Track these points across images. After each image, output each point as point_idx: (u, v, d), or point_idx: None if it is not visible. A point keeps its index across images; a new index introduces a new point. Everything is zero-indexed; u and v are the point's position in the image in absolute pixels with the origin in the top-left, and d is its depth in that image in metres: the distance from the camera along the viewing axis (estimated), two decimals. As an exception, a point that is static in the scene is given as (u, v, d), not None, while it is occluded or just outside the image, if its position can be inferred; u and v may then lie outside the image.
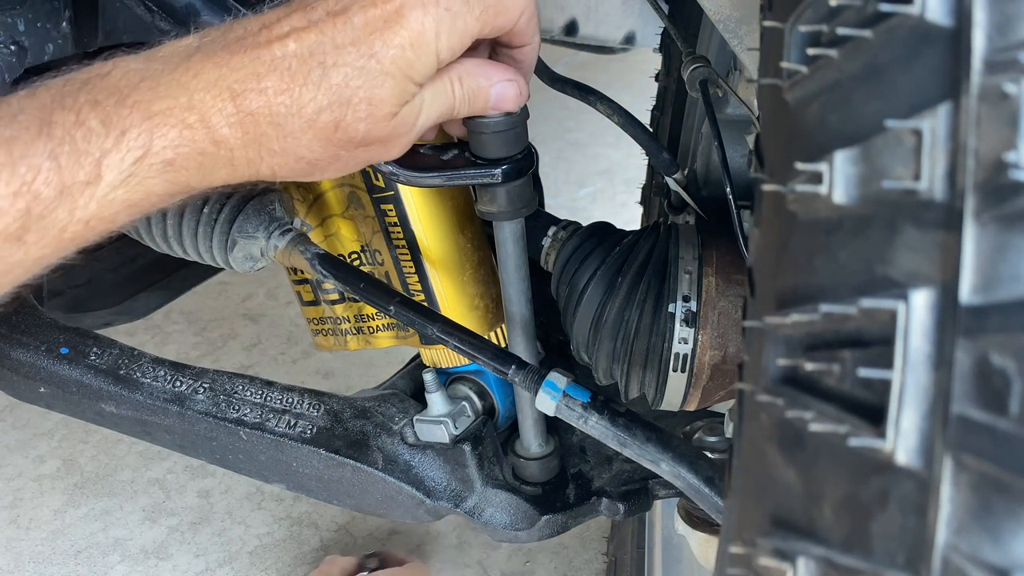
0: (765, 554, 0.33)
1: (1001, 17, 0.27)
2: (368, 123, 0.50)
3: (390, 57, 0.49)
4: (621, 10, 0.96)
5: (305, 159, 0.51)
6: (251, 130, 0.49)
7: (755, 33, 0.63)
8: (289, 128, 0.49)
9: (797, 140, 0.33)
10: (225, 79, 0.48)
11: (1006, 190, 0.26)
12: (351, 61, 0.48)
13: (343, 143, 0.50)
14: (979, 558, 0.26)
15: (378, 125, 0.50)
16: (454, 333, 0.66)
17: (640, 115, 0.80)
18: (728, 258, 0.69)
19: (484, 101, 0.56)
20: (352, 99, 0.49)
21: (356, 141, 0.50)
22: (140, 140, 0.46)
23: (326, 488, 0.81)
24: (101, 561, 1.53)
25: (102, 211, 0.47)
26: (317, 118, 0.49)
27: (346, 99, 0.49)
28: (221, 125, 0.48)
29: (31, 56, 0.73)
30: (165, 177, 0.48)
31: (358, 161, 0.53)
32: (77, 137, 0.45)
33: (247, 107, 0.48)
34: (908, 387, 0.28)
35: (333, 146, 0.50)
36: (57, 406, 0.87)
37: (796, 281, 0.33)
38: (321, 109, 0.49)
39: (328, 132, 0.49)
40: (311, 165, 0.51)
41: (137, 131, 0.46)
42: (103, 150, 0.46)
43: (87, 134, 0.46)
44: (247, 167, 0.50)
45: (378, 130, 0.51)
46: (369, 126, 0.50)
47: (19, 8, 0.71)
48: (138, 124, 0.47)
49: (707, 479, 0.61)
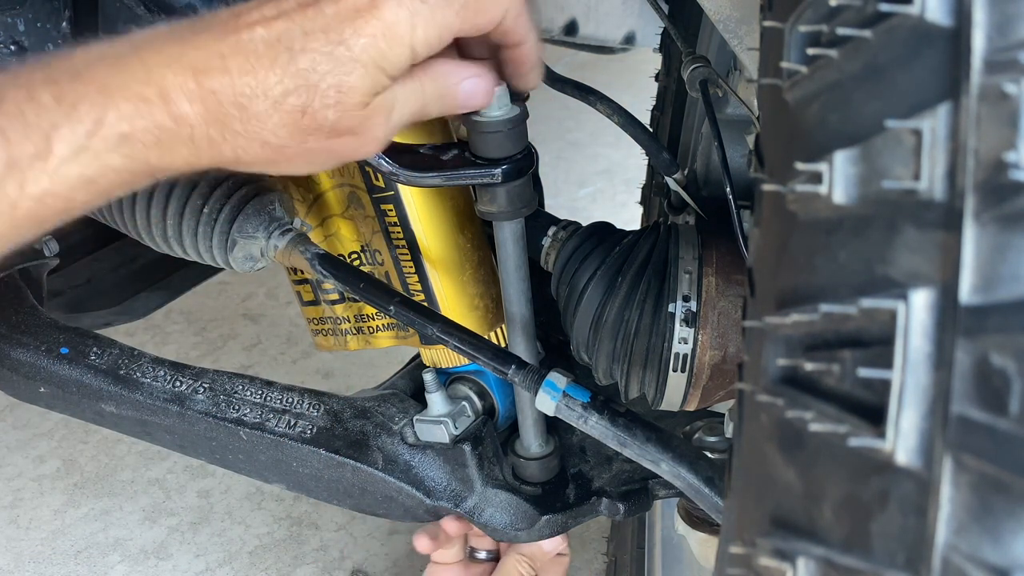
0: (765, 554, 0.33)
1: (1001, 17, 0.27)
2: (337, 111, 0.49)
3: (361, 45, 0.48)
4: (621, 10, 0.96)
5: (271, 144, 0.50)
6: (213, 108, 0.48)
7: (755, 33, 0.63)
8: (253, 110, 0.48)
9: (797, 140, 0.33)
10: (187, 56, 0.47)
11: (1006, 190, 0.26)
12: (319, 47, 0.48)
13: (311, 130, 0.49)
14: (979, 558, 0.26)
15: (348, 114, 0.49)
16: (454, 333, 0.66)
17: (640, 115, 0.80)
18: (728, 258, 0.69)
19: (453, 99, 0.56)
20: (320, 84, 0.48)
21: (325, 129, 0.50)
22: (93, 113, 0.46)
23: (326, 488, 0.81)
24: (101, 561, 1.53)
25: (55, 187, 0.46)
26: (284, 101, 0.48)
27: (313, 84, 0.48)
28: (181, 100, 0.47)
29: (31, 56, 0.73)
30: (121, 151, 0.47)
31: (330, 154, 0.52)
32: (27, 111, 0.45)
33: (209, 85, 0.47)
34: (908, 387, 0.28)
35: (301, 132, 0.49)
36: (57, 406, 0.87)
37: (796, 281, 0.33)
38: (288, 92, 0.48)
39: (295, 117, 0.48)
40: (277, 152, 0.50)
41: (90, 104, 0.46)
42: (53, 123, 0.45)
43: (38, 108, 0.45)
44: (209, 147, 0.49)
45: (348, 119, 0.50)
46: (338, 114, 0.49)
47: (19, 8, 0.71)
48: (91, 97, 0.46)
49: (707, 479, 0.61)
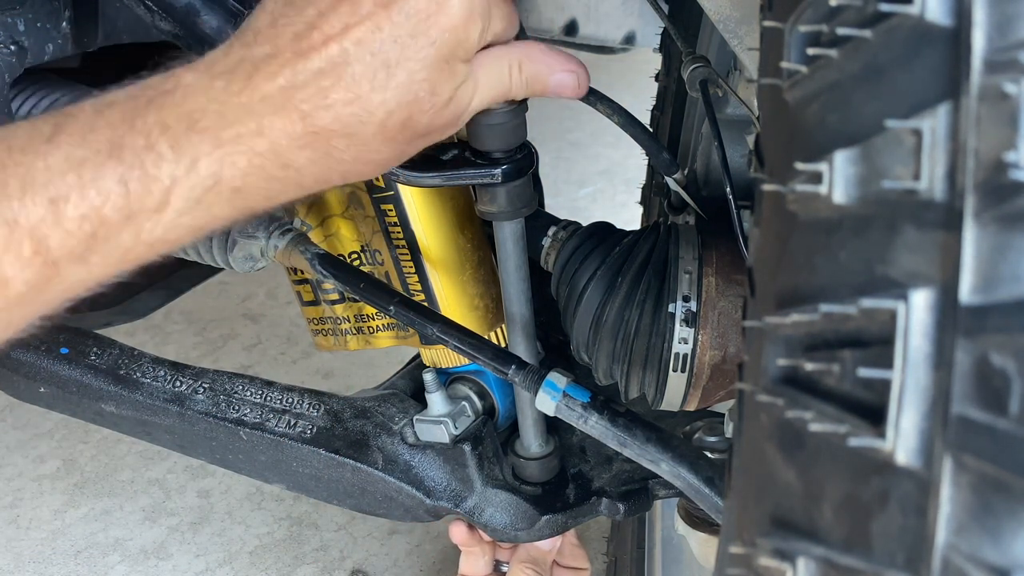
0: (765, 554, 0.33)
1: (1001, 17, 0.26)
2: (431, 115, 0.49)
3: (446, 41, 0.47)
4: (621, 10, 0.96)
5: (375, 162, 0.50)
6: (320, 147, 0.48)
7: (755, 33, 0.63)
8: (360, 136, 0.48)
9: (797, 140, 0.33)
10: (292, 99, 0.47)
11: (1006, 190, 0.26)
12: (413, 55, 0.47)
13: (408, 138, 0.50)
14: (979, 558, 0.26)
15: (439, 114, 0.50)
16: (454, 333, 0.66)
17: (640, 115, 0.80)
18: (728, 258, 0.69)
19: (543, 86, 0.55)
20: (419, 94, 0.48)
21: (420, 133, 0.50)
22: (210, 169, 0.46)
23: (326, 488, 0.81)
24: (101, 561, 1.53)
25: (167, 235, 0.47)
26: (388, 120, 0.48)
27: (413, 95, 0.48)
28: (290, 148, 0.47)
29: (31, 56, 0.73)
30: (232, 204, 0.48)
31: (417, 149, 0.52)
32: (147, 163, 0.45)
33: (316, 125, 0.47)
34: (908, 387, 0.28)
35: (400, 143, 0.50)
36: (57, 406, 0.87)
37: (796, 281, 0.33)
38: (391, 112, 0.48)
39: (396, 131, 0.49)
40: (379, 166, 0.51)
41: (207, 160, 0.46)
42: (173, 178, 0.45)
43: (157, 160, 0.45)
44: (315, 183, 0.50)
45: (439, 119, 0.50)
46: (431, 117, 0.49)
47: (19, 8, 0.71)
48: (208, 153, 0.46)
49: (707, 479, 0.61)
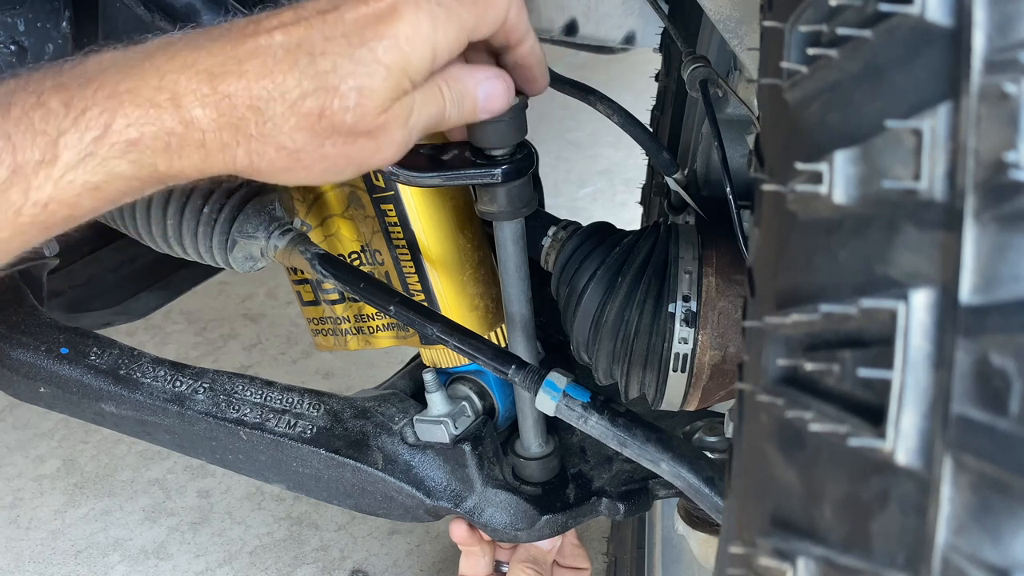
0: (765, 554, 0.33)
1: (1001, 17, 0.27)
2: (356, 113, 0.48)
3: (383, 47, 0.47)
4: (621, 10, 0.96)
5: (286, 149, 0.48)
6: (227, 112, 0.47)
7: (755, 33, 0.63)
8: (270, 112, 0.47)
9: (797, 140, 0.33)
10: (202, 62, 0.47)
11: (1006, 190, 0.26)
12: (340, 51, 0.47)
13: (328, 133, 0.48)
14: (979, 558, 0.26)
15: (367, 117, 0.48)
16: (454, 333, 0.66)
17: (640, 115, 0.80)
18: (728, 258, 0.69)
19: (472, 103, 0.55)
20: (340, 87, 0.47)
21: (343, 131, 0.48)
22: (101, 119, 0.45)
23: (326, 488, 0.81)
24: (101, 561, 1.53)
25: (61, 193, 0.45)
26: (302, 103, 0.47)
27: (334, 86, 0.47)
28: (194, 105, 0.46)
29: (31, 56, 0.73)
30: (129, 158, 0.46)
31: (347, 160, 0.51)
32: (35, 118, 0.44)
33: (224, 89, 0.46)
34: (908, 387, 0.28)
35: (318, 136, 0.48)
36: (57, 406, 0.87)
37: (796, 281, 0.33)
38: (306, 94, 0.47)
39: (312, 120, 0.47)
40: (293, 158, 0.49)
41: (99, 109, 0.45)
42: (60, 130, 0.44)
43: (46, 114, 0.44)
44: (221, 153, 0.48)
45: (366, 123, 0.49)
46: (357, 117, 0.48)
47: (19, 8, 0.71)
48: (101, 103, 0.45)
49: (707, 479, 0.61)
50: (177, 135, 0.46)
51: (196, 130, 0.47)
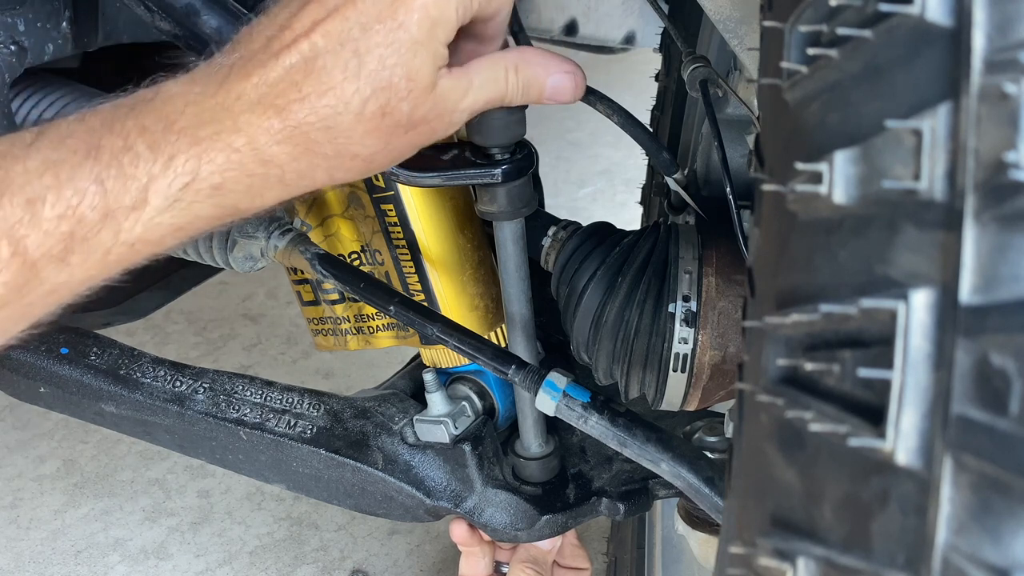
0: (765, 554, 0.33)
1: (1001, 17, 0.26)
2: (410, 101, 0.48)
3: (415, 22, 0.47)
4: (621, 10, 0.96)
5: (361, 156, 0.49)
6: (300, 141, 0.48)
7: (755, 33, 0.63)
8: (339, 128, 0.48)
9: (797, 140, 0.33)
10: (266, 97, 0.47)
11: (1006, 190, 0.26)
12: (382, 40, 0.47)
13: (391, 129, 0.49)
14: (979, 558, 0.26)
15: (420, 101, 0.49)
16: (454, 333, 0.66)
17: (640, 115, 0.80)
18: (728, 258, 0.69)
19: (539, 91, 0.55)
20: (392, 79, 0.47)
21: (403, 124, 0.49)
22: (188, 166, 0.46)
23: (326, 488, 0.81)
24: (101, 561, 1.53)
25: (148, 234, 0.47)
26: (364, 109, 0.48)
27: (387, 82, 0.47)
28: (269, 144, 0.47)
29: (31, 56, 0.73)
30: (213, 201, 0.48)
31: (409, 147, 0.51)
32: (124, 162, 0.45)
33: (293, 119, 0.47)
34: (908, 387, 0.28)
35: (384, 135, 0.49)
36: (57, 406, 0.87)
37: (796, 281, 0.33)
38: (366, 100, 0.47)
39: (377, 121, 0.48)
40: (367, 162, 0.50)
41: (185, 157, 0.46)
42: (150, 175, 0.46)
43: (134, 159, 0.45)
44: (299, 180, 0.49)
45: (421, 107, 0.49)
46: (412, 104, 0.49)
47: (19, 8, 0.71)
48: (185, 150, 0.46)
49: (707, 479, 0.61)
50: (259, 176, 0.48)
51: (275, 167, 0.48)
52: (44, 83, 0.80)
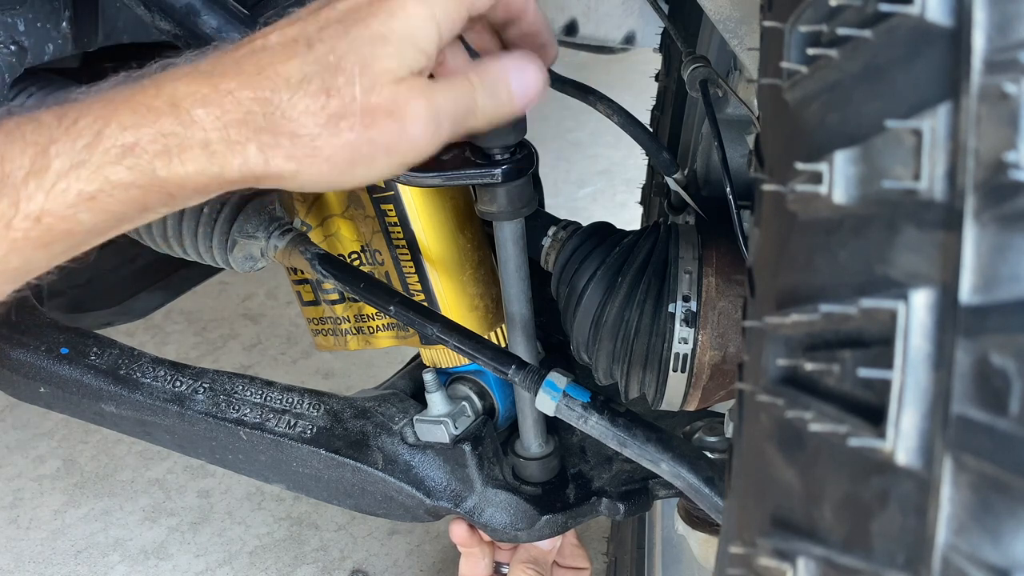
0: (765, 554, 0.33)
1: (1001, 17, 0.26)
2: (363, 85, 0.46)
3: (379, 21, 0.46)
4: (621, 10, 0.96)
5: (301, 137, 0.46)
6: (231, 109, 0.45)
7: (755, 33, 0.63)
8: (276, 101, 0.45)
9: (797, 140, 0.33)
10: (200, 69, 0.46)
11: (1006, 190, 0.26)
12: (336, 35, 0.46)
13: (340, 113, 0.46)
14: (979, 558, 0.26)
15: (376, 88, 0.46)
16: (454, 333, 0.66)
17: (640, 115, 0.80)
18: (728, 258, 0.69)
19: (506, 90, 0.52)
20: (341, 63, 0.46)
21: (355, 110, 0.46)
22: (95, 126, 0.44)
23: (326, 488, 0.81)
24: (101, 561, 1.53)
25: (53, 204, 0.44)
26: (307, 86, 0.45)
27: (334, 64, 0.46)
28: (194, 105, 0.45)
29: (31, 56, 0.73)
30: (125, 163, 0.44)
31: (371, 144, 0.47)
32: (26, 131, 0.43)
33: (225, 86, 0.45)
34: (908, 387, 0.28)
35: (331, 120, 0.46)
36: (57, 406, 0.87)
37: (796, 281, 0.33)
38: (308, 77, 0.45)
39: (320, 101, 0.45)
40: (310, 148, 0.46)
41: (92, 117, 0.44)
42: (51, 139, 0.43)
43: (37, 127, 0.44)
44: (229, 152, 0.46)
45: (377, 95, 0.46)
46: (364, 89, 0.46)
47: (19, 8, 0.71)
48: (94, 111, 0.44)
49: (707, 479, 0.61)
50: (177, 136, 0.45)
51: (198, 130, 0.45)
52: (44, 83, 0.80)
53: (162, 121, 0.45)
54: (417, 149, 0.49)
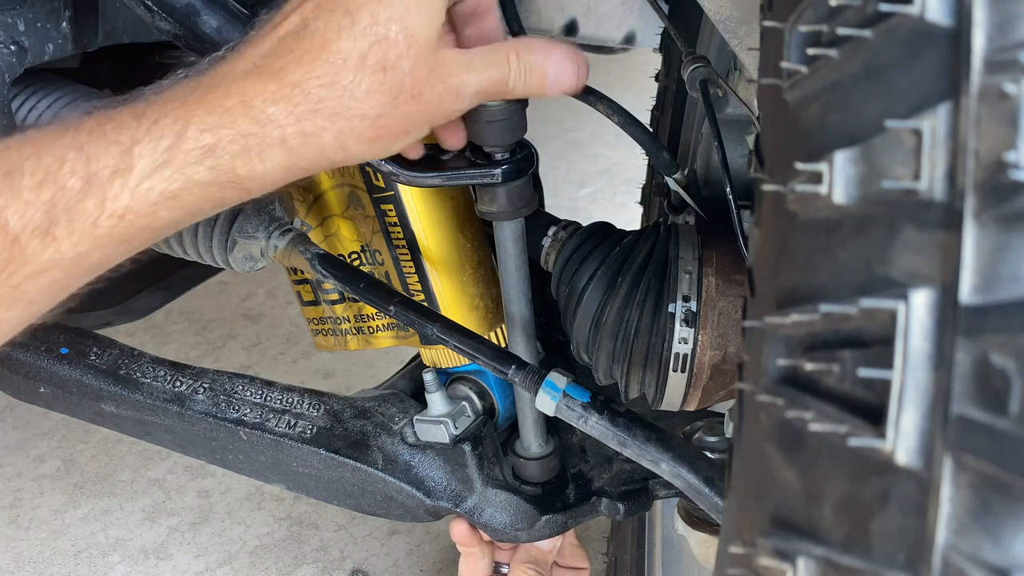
0: (765, 554, 0.33)
1: (1001, 17, 0.26)
2: (410, 57, 0.47)
3: None
4: (621, 10, 0.96)
5: (369, 117, 0.47)
6: (301, 100, 0.46)
7: (755, 33, 0.63)
8: (341, 83, 0.46)
9: (797, 140, 0.33)
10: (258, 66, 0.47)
11: (1006, 190, 0.26)
12: None
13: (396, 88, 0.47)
14: (979, 558, 0.26)
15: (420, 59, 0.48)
16: (454, 333, 0.66)
17: (640, 115, 0.80)
18: (728, 258, 0.69)
19: (540, 78, 0.54)
20: (388, 34, 0.47)
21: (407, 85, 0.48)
22: (175, 127, 0.45)
23: (326, 488, 0.81)
24: (101, 561, 1.53)
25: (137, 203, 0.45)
26: (364, 63, 0.46)
27: (382, 36, 0.47)
28: (265, 104, 0.46)
29: (31, 56, 0.73)
30: (207, 164, 0.45)
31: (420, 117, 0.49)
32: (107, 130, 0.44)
33: (290, 79, 0.46)
34: (908, 387, 0.28)
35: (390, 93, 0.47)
36: (57, 406, 0.87)
37: (796, 281, 0.33)
38: (364, 53, 0.46)
39: (379, 77, 0.47)
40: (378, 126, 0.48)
41: (171, 119, 0.45)
42: (134, 139, 0.44)
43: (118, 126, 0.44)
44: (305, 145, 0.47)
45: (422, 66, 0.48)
46: (412, 61, 0.47)
47: (19, 8, 0.71)
48: (172, 113, 0.45)
49: (707, 479, 0.61)
50: (255, 136, 0.46)
51: (274, 127, 0.46)
52: (44, 83, 0.80)
53: (238, 121, 0.46)
54: (451, 116, 0.52)
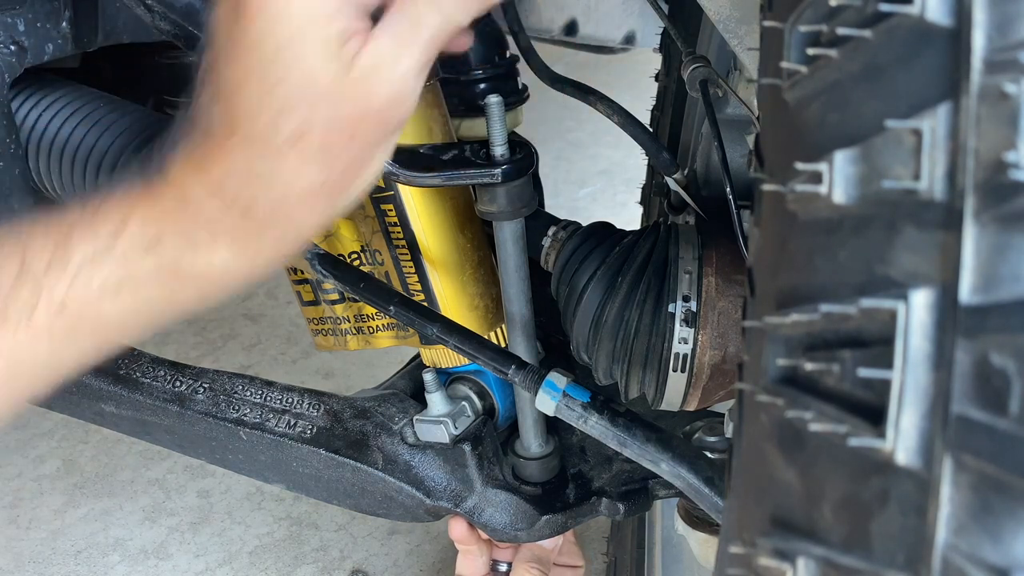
0: (765, 554, 0.33)
1: (1001, 17, 0.26)
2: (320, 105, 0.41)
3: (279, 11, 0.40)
4: (621, 10, 0.96)
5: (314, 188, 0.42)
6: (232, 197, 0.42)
7: (755, 33, 0.63)
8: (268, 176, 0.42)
9: (797, 140, 0.33)
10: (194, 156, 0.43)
11: (1006, 190, 0.26)
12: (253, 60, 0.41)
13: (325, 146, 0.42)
14: (979, 558, 0.26)
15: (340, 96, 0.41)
16: (454, 333, 0.66)
17: (640, 115, 0.80)
18: (728, 258, 0.69)
19: None
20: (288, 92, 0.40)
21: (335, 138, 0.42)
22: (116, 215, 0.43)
23: (326, 488, 0.81)
24: (101, 561, 1.53)
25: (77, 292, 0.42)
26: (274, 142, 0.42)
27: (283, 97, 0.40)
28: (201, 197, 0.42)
29: (31, 56, 0.73)
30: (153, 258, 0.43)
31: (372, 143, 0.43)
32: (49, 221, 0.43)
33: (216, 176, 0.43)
34: (908, 387, 0.28)
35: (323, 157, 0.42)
36: (57, 406, 0.87)
37: (796, 281, 0.33)
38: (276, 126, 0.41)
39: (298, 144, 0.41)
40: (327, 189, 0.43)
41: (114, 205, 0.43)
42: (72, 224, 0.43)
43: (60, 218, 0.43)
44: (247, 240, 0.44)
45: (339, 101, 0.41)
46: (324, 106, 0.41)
47: (19, 8, 0.71)
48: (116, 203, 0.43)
49: (707, 479, 0.61)
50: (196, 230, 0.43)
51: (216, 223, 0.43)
52: (44, 83, 0.80)
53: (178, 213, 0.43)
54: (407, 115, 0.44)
